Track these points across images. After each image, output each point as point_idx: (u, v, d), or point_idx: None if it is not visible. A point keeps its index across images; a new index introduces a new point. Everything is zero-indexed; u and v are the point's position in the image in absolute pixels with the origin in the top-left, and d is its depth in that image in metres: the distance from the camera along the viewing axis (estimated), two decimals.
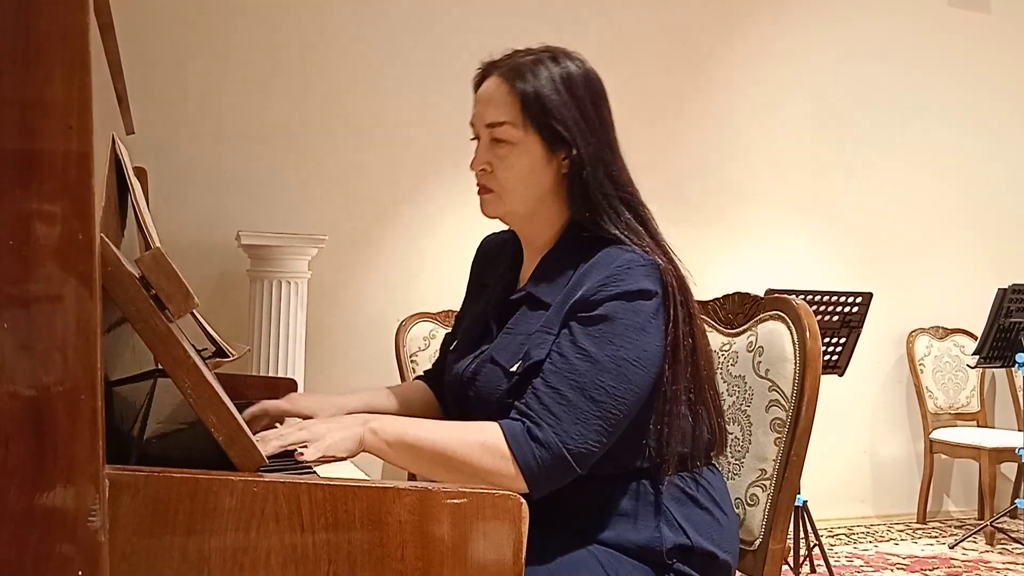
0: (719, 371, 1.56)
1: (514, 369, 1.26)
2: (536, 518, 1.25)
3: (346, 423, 1.18)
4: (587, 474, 1.20)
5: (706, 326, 1.58)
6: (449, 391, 1.42)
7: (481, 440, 1.16)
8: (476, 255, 1.56)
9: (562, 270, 1.31)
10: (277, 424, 1.44)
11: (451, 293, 3.57)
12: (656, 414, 1.27)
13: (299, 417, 1.38)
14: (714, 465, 1.39)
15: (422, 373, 1.63)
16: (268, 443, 1.12)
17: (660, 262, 1.26)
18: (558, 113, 1.28)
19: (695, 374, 1.30)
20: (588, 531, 1.27)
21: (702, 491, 1.32)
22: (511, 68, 1.31)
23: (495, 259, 1.51)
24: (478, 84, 1.35)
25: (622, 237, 1.28)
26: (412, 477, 2.04)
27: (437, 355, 1.62)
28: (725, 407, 1.52)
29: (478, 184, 1.35)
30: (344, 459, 1.17)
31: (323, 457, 1.14)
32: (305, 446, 1.13)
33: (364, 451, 1.16)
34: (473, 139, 1.35)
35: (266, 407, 1.42)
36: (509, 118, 1.29)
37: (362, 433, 1.16)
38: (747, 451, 1.49)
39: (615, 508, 1.27)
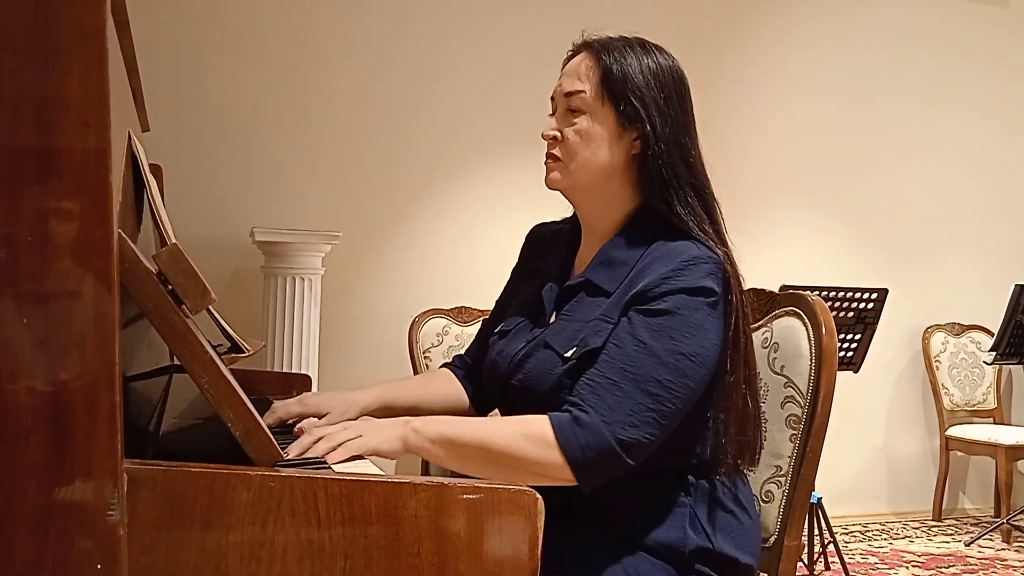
0: None
1: (568, 355, 1.25)
2: (560, 513, 1.23)
3: (386, 424, 1.17)
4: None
5: None
6: (492, 375, 1.39)
7: (524, 431, 1.15)
8: (526, 241, 1.55)
9: (623, 259, 1.30)
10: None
11: (464, 289, 3.60)
12: (714, 407, 1.27)
13: (314, 416, 1.36)
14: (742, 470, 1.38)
15: (452, 360, 1.58)
16: (316, 447, 1.12)
17: (723, 261, 1.26)
18: (637, 90, 1.29)
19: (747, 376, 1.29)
20: (613, 527, 1.26)
21: (729, 494, 1.31)
22: (600, 45, 1.33)
23: (546, 247, 1.49)
24: (567, 62, 1.37)
25: (688, 222, 1.28)
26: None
27: (472, 343, 1.57)
28: None
29: (546, 154, 1.35)
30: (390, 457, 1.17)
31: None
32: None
33: (408, 451, 1.16)
34: (551, 115, 1.36)
35: (277, 414, 1.38)
36: (587, 88, 1.31)
37: (405, 433, 1.15)
38: (762, 448, 1.48)
39: (645, 506, 1.26)
